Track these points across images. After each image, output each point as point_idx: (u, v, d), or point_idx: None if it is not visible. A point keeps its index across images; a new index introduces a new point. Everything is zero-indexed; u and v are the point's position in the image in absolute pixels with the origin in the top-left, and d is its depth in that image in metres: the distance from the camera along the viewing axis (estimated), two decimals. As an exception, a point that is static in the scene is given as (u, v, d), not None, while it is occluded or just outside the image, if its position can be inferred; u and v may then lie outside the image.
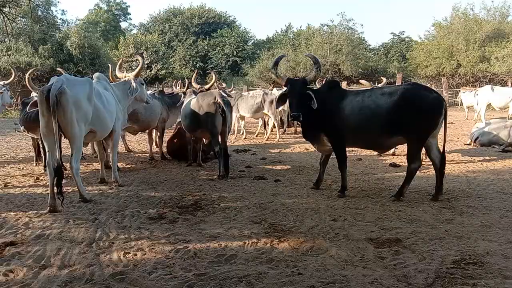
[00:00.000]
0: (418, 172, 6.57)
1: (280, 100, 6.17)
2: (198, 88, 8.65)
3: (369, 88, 8.22)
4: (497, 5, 35.53)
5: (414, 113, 5.34)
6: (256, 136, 13.47)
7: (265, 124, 13.79)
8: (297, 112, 5.67)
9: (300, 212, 5.12)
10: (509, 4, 43.53)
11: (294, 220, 4.82)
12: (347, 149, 6.13)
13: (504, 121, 11.34)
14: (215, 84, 12.25)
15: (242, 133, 13.60)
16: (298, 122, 8.41)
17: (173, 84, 12.79)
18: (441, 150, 5.70)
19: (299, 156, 9.56)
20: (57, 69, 12.17)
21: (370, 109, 5.51)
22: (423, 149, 5.78)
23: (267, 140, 12.49)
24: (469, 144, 10.92)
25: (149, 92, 9.62)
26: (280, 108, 11.45)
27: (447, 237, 4.22)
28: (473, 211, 5.11)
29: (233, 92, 13.62)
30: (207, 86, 8.76)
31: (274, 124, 12.67)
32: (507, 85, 24.21)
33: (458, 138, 12.57)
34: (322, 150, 6.28)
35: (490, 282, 3.25)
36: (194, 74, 10.37)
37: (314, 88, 6.44)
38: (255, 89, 16.90)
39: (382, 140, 5.68)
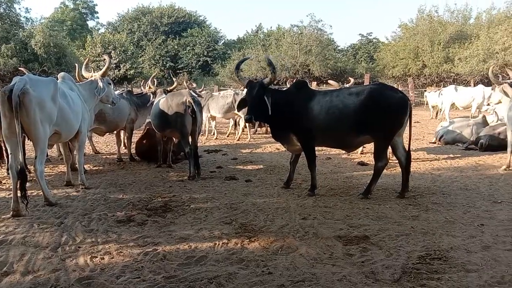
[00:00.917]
0: (385, 170, 6.72)
1: (241, 104, 6.28)
2: (154, 90, 8.76)
3: (337, 88, 8.36)
4: (459, 7, 36.75)
5: (380, 113, 5.46)
6: (227, 136, 13.44)
7: (236, 124, 13.77)
8: (250, 115, 5.72)
9: (271, 211, 5.14)
10: (471, 7, 45.12)
11: (265, 219, 4.83)
12: (317, 148, 6.20)
13: (467, 120, 11.76)
14: (184, 83, 12.15)
15: (213, 134, 13.54)
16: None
17: (142, 84, 12.61)
18: (407, 149, 5.85)
19: (270, 156, 9.59)
20: (20, 68, 11.78)
21: (338, 109, 5.60)
22: (390, 147, 5.92)
23: (238, 140, 12.48)
24: (434, 143, 11.24)
25: (117, 92, 9.46)
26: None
27: (413, 233, 4.33)
28: (438, 208, 5.26)
29: (203, 92, 13.54)
30: (169, 88, 8.71)
31: (245, 124, 12.66)
32: (470, 85, 25.06)
33: (423, 136, 12.93)
34: (292, 150, 6.33)
35: (453, 276, 3.36)
36: (152, 76, 10.17)
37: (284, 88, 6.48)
38: (226, 89, 16.86)
39: (350, 139, 5.78)
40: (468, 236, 4.26)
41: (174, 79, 9.68)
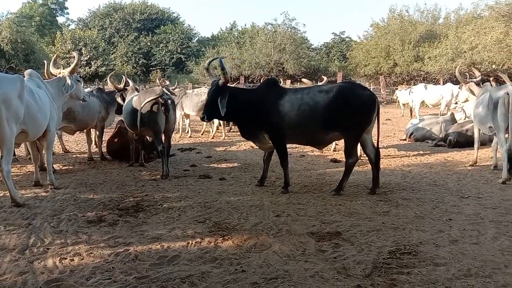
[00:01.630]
0: (356, 167, 6.84)
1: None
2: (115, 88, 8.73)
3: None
4: (429, 7, 37.66)
5: (349, 110, 5.56)
6: (202, 134, 13.36)
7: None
8: (203, 114, 5.94)
9: (245, 209, 5.14)
10: (440, 7, 46.28)
11: (239, 217, 4.83)
12: (290, 146, 6.25)
13: (436, 117, 12.07)
14: (157, 81, 12.00)
15: (187, 132, 13.43)
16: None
17: (105, 80, 12.36)
18: (376, 146, 5.95)
19: (245, 154, 9.59)
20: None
21: (308, 106, 5.65)
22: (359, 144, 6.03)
23: (212, 138, 12.43)
24: (405, 140, 11.49)
25: (87, 90, 9.26)
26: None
27: (384, 228, 4.41)
28: (408, 203, 5.38)
29: (177, 89, 13.39)
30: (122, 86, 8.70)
31: (219, 122, 12.61)
32: (439, 83, 25.74)
33: (394, 134, 13.19)
34: (263, 148, 6.35)
35: (422, 270, 3.44)
36: (109, 75, 9.92)
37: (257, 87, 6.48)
38: (200, 87, 16.76)
39: (320, 136, 5.85)
40: (436, 230, 4.37)
41: (129, 81, 9.15)
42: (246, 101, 5.90)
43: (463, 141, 9.84)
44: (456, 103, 11.69)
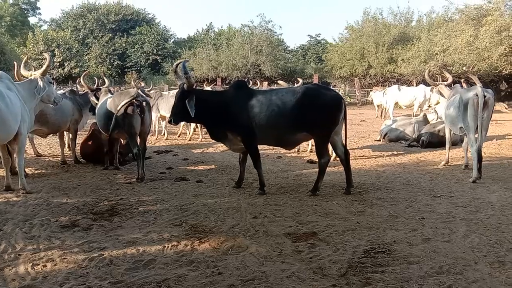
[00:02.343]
0: (332, 167, 6.93)
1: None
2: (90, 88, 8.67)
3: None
4: (402, 10, 38.39)
5: (314, 111, 5.66)
6: (178, 136, 13.26)
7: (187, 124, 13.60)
8: (170, 118, 6.05)
9: (222, 211, 5.13)
10: (413, 10, 47.29)
11: (216, 220, 4.82)
12: (268, 147, 6.28)
13: (410, 118, 12.34)
14: (132, 83, 11.89)
15: (163, 134, 13.30)
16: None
17: (77, 82, 12.19)
18: (344, 146, 6.10)
19: (222, 156, 9.57)
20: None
21: (277, 107, 5.73)
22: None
23: (189, 140, 12.35)
24: (379, 140, 11.69)
25: (60, 92, 9.07)
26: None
27: (359, 228, 4.48)
28: (382, 203, 5.48)
29: (152, 91, 13.25)
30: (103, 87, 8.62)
31: (196, 124, 12.52)
32: (412, 85, 26.28)
33: (369, 134, 13.40)
34: (235, 149, 6.36)
35: (396, 268, 3.51)
36: (83, 75, 9.82)
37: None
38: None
39: (288, 137, 5.93)
40: (410, 229, 4.46)
41: (106, 80, 9.39)
42: (215, 103, 5.95)
43: (436, 141, 10.09)
44: (429, 106, 11.94)
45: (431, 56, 29.40)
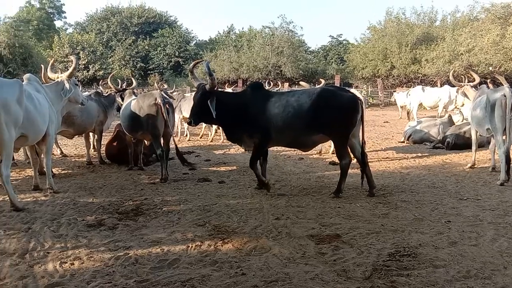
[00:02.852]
0: (356, 169, 6.86)
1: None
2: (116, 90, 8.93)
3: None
4: (426, 10, 37.77)
5: (331, 112, 5.64)
6: (200, 137, 13.36)
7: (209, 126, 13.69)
8: (190, 119, 6.00)
9: (244, 212, 5.15)
10: (437, 9, 46.42)
11: (238, 220, 4.84)
12: (288, 149, 6.26)
13: (434, 119, 12.12)
14: (156, 84, 12.04)
15: (186, 135, 13.43)
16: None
17: (101, 83, 12.46)
18: (361, 146, 6.04)
19: (244, 157, 9.58)
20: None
21: (293, 108, 5.71)
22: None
23: (211, 141, 12.43)
24: (403, 142, 11.52)
25: (85, 93, 9.27)
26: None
27: (383, 231, 4.43)
28: (407, 205, 5.40)
29: (175, 93, 13.41)
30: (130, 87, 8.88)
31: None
32: (436, 86, 25.83)
33: (392, 136, 13.22)
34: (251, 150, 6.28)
35: (422, 272, 3.45)
36: (109, 76, 10.10)
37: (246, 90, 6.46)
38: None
39: (305, 138, 5.90)
40: (436, 232, 4.38)
41: (133, 80, 9.68)
42: (232, 105, 5.98)
43: (461, 143, 9.87)
44: (456, 107, 11.69)
45: (455, 56, 28.87)
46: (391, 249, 3.93)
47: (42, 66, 7.49)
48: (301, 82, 12.86)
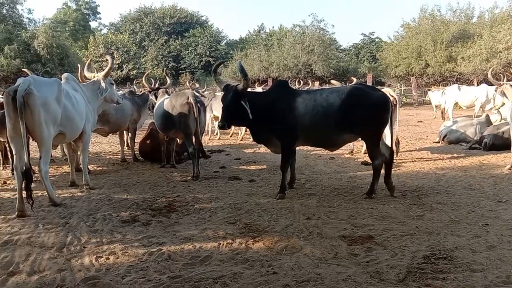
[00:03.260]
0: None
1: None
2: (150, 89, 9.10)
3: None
4: (462, 6, 36.71)
5: (361, 111, 5.51)
6: (230, 136, 13.44)
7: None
8: (223, 122, 5.58)
9: (275, 211, 5.14)
10: (473, 6, 44.98)
11: (269, 219, 4.83)
12: (318, 149, 6.17)
13: (471, 119, 11.73)
14: (187, 84, 12.20)
15: (216, 134, 13.54)
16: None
17: (135, 83, 12.72)
18: (390, 145, 5.99)
19: (273, 156, 9.52)
20: (23, 69, 11.82)
21: (322, 107, 5.58)
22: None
23: (241, 140, 12.49)
24: (438, 142, 11.22)
25: (120, 92, 9.48)
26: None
27: (418, 233, 4.32)
28: (442, 207, 5.25)
29: (206, 92, 13.54)
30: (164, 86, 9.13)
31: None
32: (473, 84, 25.01)
33: (427, 136, 12.90)
34: (279, 152, 6.04)
35: (459, 276, 3.35)
36: (145, 75, 10.31)
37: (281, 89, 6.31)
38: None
39: (334, 137, 5.79)
40: (473, 235, 4.25)
41: (168, 78, 9.80)
42: (260, 105, 5.70)
43: (499, 144, 9.52)
44: (495, 107, 11.26)
45: (493, 54, 27.87)
46: (426, 251, 3.84)
47: (79, 65, 7.72)
48: (332, 81, 12.70)
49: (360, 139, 6.41)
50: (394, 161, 7.76)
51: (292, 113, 5.67)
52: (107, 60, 7.50)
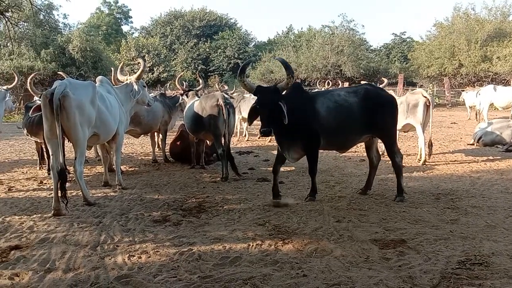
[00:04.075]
0: (421, 172, 6.57)
1: (253, 114, 5.40)
2: (183, 91, 9.02)
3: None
4: (498, 4, 35.44)
5: (381, 111, 5.57)
6: (259, 138, 13.45)
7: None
8: (268, 127, 4.98)
9: (304, 213, 5.11)
10: (510, 3, 43.36)
11: (298, 221, 4.81)
12: (350, 151, 6.12)
13: (507, 120, 11.32)
14: (216, 86, 12.27)
15: (245, 135, 13.59)
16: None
17: (168, 85, 12.91)
18: (378, 151, 6.14)
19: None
20: (59, 72, 12.21)
21: (345, 109, 5.48)
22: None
23: (269, 141, 12.48)
24: (472, 144, 10.89)
25: (151, 95, 9.66)
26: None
27: (452, 237, 4.20)
28: (478, 211, 5.09)
29: (235, 94, 13.62)
30: (196, 88, 9.04)
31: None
32: (509, 85, 24.14)
33: (461, 138, 12.54)
34: (296, 158, 5.79)
35: (496, 282, 3.23)
36: (178, 77, 10.45)
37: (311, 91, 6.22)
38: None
39: (355, 139, 5.75)
40: (511, 241, 4.09)
41: (200, 80, 9.88)
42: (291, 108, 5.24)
43: (539, 146, 9.15)
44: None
45: (532, 53, 26.80)
46: (461, 256, 3.72)
47: (112, 69, 7.91)
48: (362, 82, 12.56)
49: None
50: (427, 163, 7.64)
51: (314, 117, 5.40)
52: (139, 63, 7.66)
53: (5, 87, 8.17)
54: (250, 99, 12.47)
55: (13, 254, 3.90)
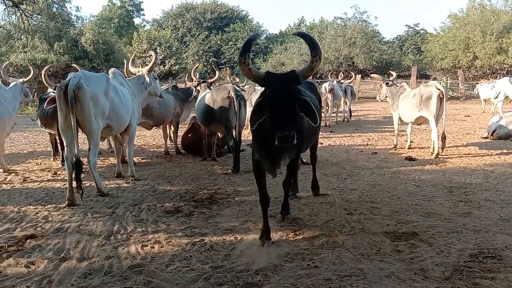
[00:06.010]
0: (434, 165, 6.50)
1: (258, 113, 3.72)
2: (198, 82, 9.02)
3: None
4: (515, -5, 34.69)
5: None
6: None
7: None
8: (291, 131, 3.31)
9: (315, 206, 5.11)
10: (528, -6, 42.43)
11: (309, 213, 4.82)
12: (361, 142, 6.05)
13: (523, 113, 11.13)
14: (228, 78, 12.30)
15: (256, 128, 13.55)
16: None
17: (186, 78, 12.89)
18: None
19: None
20: (73, 65, 12.32)
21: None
22: None
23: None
24: (486, 138, 10.74)
25: (163, 87, 9.70)
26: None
27: (465, 230, 4.18)
28: (491, 205, 5.04)
29: (246, 86, 13.60)
30: (210, 80, 9.05)
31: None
32: (525, 77, 23.72)
33: (474, 131, 12.38)
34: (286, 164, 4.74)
35: (509, 275, 3.21)
36: (193, 69, 10.43)
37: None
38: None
39: None
40: (525, 235, 4.05)
41: (216, 71, 9.85)
42: None
43: (555, 140, 9.00)
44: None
45: (549, 45, 26.26)
46: (473, 249, 3.70)
47: (125, 61, 7.95)
48: (372, 75, 12.45)
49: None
50: (440, 156, 7.56)
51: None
52: (150, 55, 7.69)
53: (21, 80, 8.26)
54: (260, 92, 12.44)
55: (28, 243, 3.98)
